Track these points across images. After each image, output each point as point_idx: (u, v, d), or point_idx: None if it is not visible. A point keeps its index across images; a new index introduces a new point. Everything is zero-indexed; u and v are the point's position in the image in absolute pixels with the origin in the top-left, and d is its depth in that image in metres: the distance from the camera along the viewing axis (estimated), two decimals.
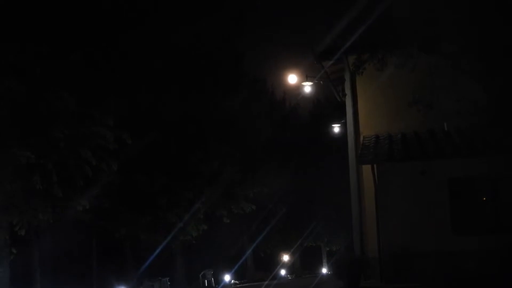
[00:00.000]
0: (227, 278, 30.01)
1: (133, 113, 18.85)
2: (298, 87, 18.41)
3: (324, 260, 39.71)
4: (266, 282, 26.47)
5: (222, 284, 28.95)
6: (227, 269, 30.59)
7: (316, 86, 18.22)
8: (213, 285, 29.35)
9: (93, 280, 23.85)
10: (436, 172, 14.95)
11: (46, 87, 14.68)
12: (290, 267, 38.74)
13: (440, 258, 14.20)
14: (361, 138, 16.66)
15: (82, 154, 15.64)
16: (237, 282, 31.01)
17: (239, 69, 24.07)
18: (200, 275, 29.89)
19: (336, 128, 21.83)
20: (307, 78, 17.87)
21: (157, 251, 22.73)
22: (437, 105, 14.38)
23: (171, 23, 20.41)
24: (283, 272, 37.04)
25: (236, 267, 31.98)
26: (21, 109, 14.44)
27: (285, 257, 38.66)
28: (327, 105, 24.19)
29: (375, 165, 15.41)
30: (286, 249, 38.07)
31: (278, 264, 37.98)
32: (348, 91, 17.11)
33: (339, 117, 20.12)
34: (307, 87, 18.06)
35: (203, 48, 22.68)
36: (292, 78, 17.86)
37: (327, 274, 34.72)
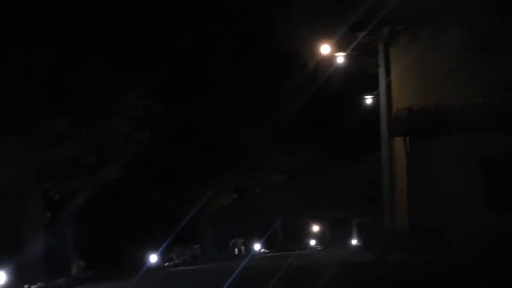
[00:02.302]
0: (257, 247, 30.30)
1: (165, 83, 18.88)
2: (331, 58, 18.17)
3: (354, 232, 39.69)
4: (295, 252, 26.64)
5: (252, 253, 29.25)
6: (257, 239, 30.85)
7: (348, 57, 17.88)
8: (244, 253, 29.69)
9: (124, 247, 24.28)
10: (469, 147, 14.86)
11: (78, 57, 14.84)
12: (320, 237, 38.83)
13: (470, 234, 14.14)
14: (394, 110, 16.57)
15: (114, 123, 15.82)
16: (267, 251, 31.29)
17: (268, 41, 23.94)
18: (231, 244, 30.20)
19: (369, 100, 21.65)
20: (340, 49, 17.58)
21: (187, 219, 22.98)
22: (471, 79, 14.24)
23: None
24: (312, 242, 37.20)
25: (266, 236, 32.22)
26: (54, 78, 14.64)
27: (315, 228, 38.78)
28: (360, 76, 24.08)
29: (407, 138, 15.38)
30: (316, 220, 38.16)
31: (307, 234, 38.13)
32: (381, 62, 17.00)
33: (372, 89, 19.93)
34: (340, 58, 17.78)
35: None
36: (325, 49, 17.63)
37: (356, 246, 34.74)
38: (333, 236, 38.84)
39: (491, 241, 13.70)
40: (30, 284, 15.76)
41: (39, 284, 15.90)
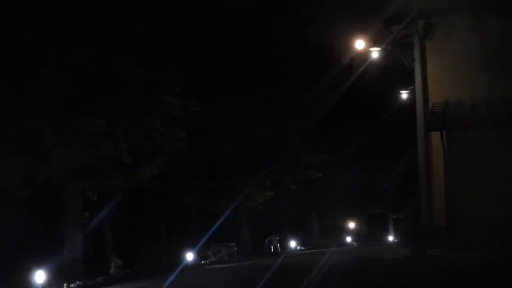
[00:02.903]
0: (292, 244, 30.30)
1: (200, 81, 18.99)
2: (366, 53, 18.10)
3: (391, 228, 39.48)
4: (332, 249, 26.57)
5: (288, 250, 29.25)
6: (293, 236, 30.85)
7: (384, 52, 17.87)
8: (279, 250, 29.72)
9: (161, 245, 24.51)
10: (508, 140, 14.63)
11: (113, 57, 15.04)
12: (356, 234, 38.70)
13: (509, 229, 13.91)
14: (430, 105, 16.40)
15: (150, 122, 15.99)
16: (302, 248, 31.27)
17: (303, 39, 23.95)
18: (266, 241, 30.25)
19: (404, 95, 21.52)
20: (374, 44, 17.56)
21: (223, 217, 23.08)
22: (509, 71, 14.03)
23: None
24: (348, 239, 37.09)
25: (301, 233, 32.21)
26: (89, 79, 14.87)
27: (351, 224, 38.66)
28: (395, 71, 23.96)
29: (444, 132, 15.19)
30: (352, 216, 38.04)
31: (343, 231, 38.02)
32: (417, 56, 16.81)
33: (407, 84, 19.79)
34: (375, 53, 17.78)
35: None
36: (359, 44, 17.56)
37: (393, 242, 34.57)
38: (370, 233, 38.73)
39: None
40: (69, 283, 15.99)
41: (77, 283, 16.12)
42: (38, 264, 15.84)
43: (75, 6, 14.73)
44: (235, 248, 26.88)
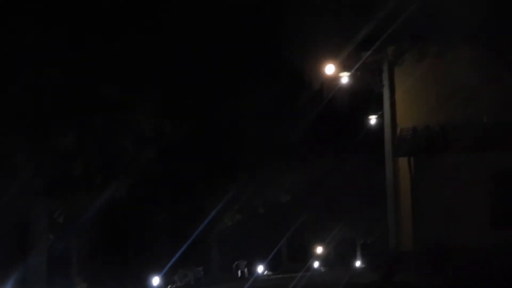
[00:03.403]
0: (260, 269, 30.11)
1: (173, 102, 18.96)
2: (336, 78, 18.20)
3: (358, 253, 39.56)
4: (299, 274, 26.46)
5: (255, 275, 29.05)
6: (261, 260, 30.67)
7: (353, 77, 17.87)
8: (247, 275, 29.50)
9: (129, 268, 24.18)
10: (475, 165, 14.82)
11: (87, 76, 14.95)
12: (324, 259, 38.64)
13: (478, 253, 14.06)
14: (398, 130, 16.58)
15: (120, 142, 15.87)
16: (270, 273, 31.09)
17: (278, 58, 24.01)
18: (234, 266, 30.02)
19: (373, 120, 21.64)
20: (344, 69, 17.59)
21: (191, 239, 22.91)
22: (478, 97, 14.24)
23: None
24: (316, 264, 37.00)
25: (270, 258, 32.05)
26: (62, 98, 14.74)
27: (319, 249, 38.59)
28: (365, 96, 24.20)
29: (412, 158, 15.40)
30: (320, 241, 37.99)
31: (312, 256, 37.92)
32: (385, 82, 17.03)
33: (376, 109, 19.95)
34: (345, 78, 17.75)
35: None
36: (329, 68, 17.68)
37: (361, 267, 34.55)
38: (338, 258, 38.74)
39: (501, 259, 13.60)
40: None
41: None
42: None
43: (49, 22, 14.61)
44: (202, 272, 26.63)
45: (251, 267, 30.41)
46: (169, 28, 17.32)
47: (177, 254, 22.15)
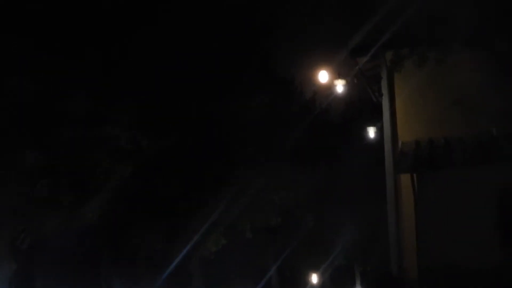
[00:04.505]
0: None
1: (151, 113, 19.07)
2: (330, 86, 18.43)
3: (357, 281, 39.54)
4: None
5: None
6: None
7: (349, 85, 18.26)
8: None
9: None
10: (483, 181, 14.88)
11: (57, 85, 15.08)
12: None
13: (486, 275, 14.22)
14: (399, 144, 16.68)
15: (94, 156, 15.94)
16: None
17: (266, 67, 24.09)
18: None
19: (371, 132, 21.75)
20: (339, 76, 17.90)
21: (173, 266, 22.94)
22: (484, 106, 14.31)
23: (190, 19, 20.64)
24: None
25: (259, 287, 32.00)
26: (29, 109, 14.82)
27: (314, 277, 38.54)
28: (362, 106, 24.39)
29: (414, 174, 15.49)
30: (314, 268, 37.96)
31: (306, 284, 37.85)
32: (385, 90, 17.15)
33: (375, 120, 20.10)
34: (340, 86, 18.06)
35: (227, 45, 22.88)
36: (323, 76, 17.90)
37: None
38: (334, 286, 38.65)
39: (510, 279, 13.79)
40: None
41: None
42: None
43: (17, 31, 14.76)
44: None
45: None
46: (147, 35, 17.50)
47: (158, 283, 22.15)
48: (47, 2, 15.07)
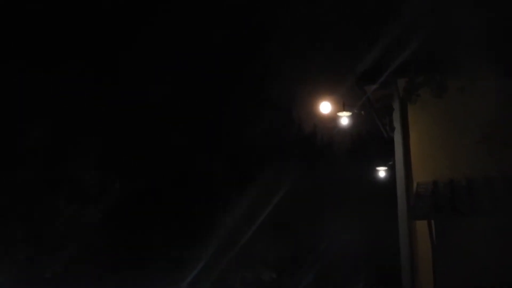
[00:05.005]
0: None
1: (122, 149, 18.43)
2: (333, 119, 18.04)
3: None
4: None
5: None
6: None
7: (355, 118, 17.96)
8: None
9: None
10: None
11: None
12: None
13: None
14: (415, 186, 16.20)
15: (51, 202, 15.32)
16: None
17: (260, 93, 23.86)
18: None
19: (382, 172, 21.36)
20: (344, 107, 17.60)
21: None
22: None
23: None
24: None
25: None
26: None
27: None
28: (370, 142, 24.02)
29: (433, 221, 14.96)
30: None
31: None
32: (397, 124, 16.68)
33: (386, 157, 19.64)
34: (344, 119, 17.78)
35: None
36: (325, 107, 17.59)
37: None
38: None
39: None
40: None
41: None
42: None
43: None
44: None
45: None
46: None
47: None
48: None
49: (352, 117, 17.70)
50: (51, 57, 15.65)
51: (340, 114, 17.61)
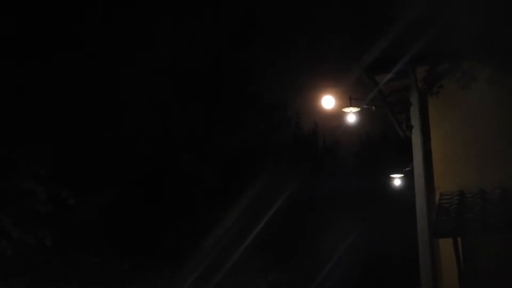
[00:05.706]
0: None
1: (79, 159, 18.20)
2: (338, 116, 17.73)
3: None
4: None
5: None
6: None
7: (365, 114, 17.51)
8: None
9: None
10: None
11: None
12: None
13: None
14: (437, 196, 15.95)
15: None
16: None
17: (248, 90, 23.61)
18: None
19: (397, 181, 20.96)
20: (351, 102, 17.19)
21: None
22: None
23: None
24: None
25: None
26: None
27: None
28: (383, 143, 23.85)
29: (459, 239, 14.60)
30: None
31: None
32: (415, 121, 16.50)
33: (402, 162, 19.20)
34: (351, 116, 17.37)
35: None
36: (328, 102, 17.18)
37: None
38: None
39: None
40: None
41: None
42: None
43: None
44: None
45: None
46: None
47: None
48: None
49: (361, 113, 17.25)
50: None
51: (346, 110, 17.20)
